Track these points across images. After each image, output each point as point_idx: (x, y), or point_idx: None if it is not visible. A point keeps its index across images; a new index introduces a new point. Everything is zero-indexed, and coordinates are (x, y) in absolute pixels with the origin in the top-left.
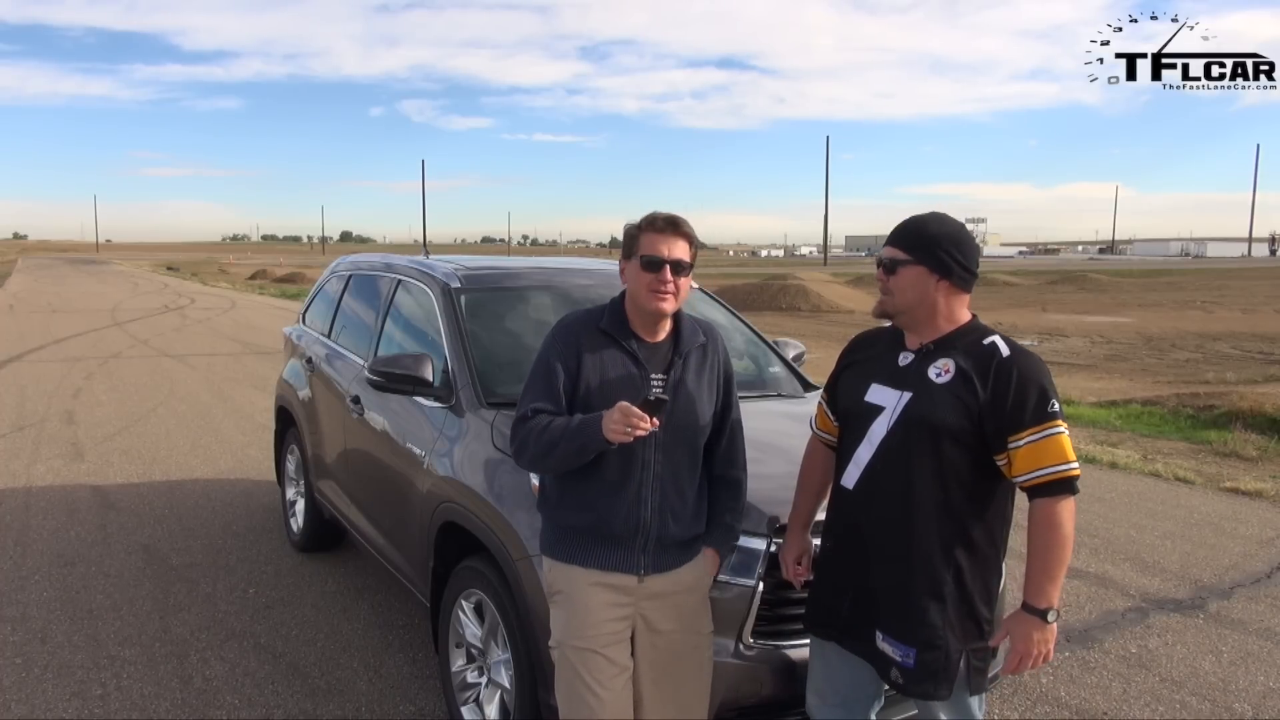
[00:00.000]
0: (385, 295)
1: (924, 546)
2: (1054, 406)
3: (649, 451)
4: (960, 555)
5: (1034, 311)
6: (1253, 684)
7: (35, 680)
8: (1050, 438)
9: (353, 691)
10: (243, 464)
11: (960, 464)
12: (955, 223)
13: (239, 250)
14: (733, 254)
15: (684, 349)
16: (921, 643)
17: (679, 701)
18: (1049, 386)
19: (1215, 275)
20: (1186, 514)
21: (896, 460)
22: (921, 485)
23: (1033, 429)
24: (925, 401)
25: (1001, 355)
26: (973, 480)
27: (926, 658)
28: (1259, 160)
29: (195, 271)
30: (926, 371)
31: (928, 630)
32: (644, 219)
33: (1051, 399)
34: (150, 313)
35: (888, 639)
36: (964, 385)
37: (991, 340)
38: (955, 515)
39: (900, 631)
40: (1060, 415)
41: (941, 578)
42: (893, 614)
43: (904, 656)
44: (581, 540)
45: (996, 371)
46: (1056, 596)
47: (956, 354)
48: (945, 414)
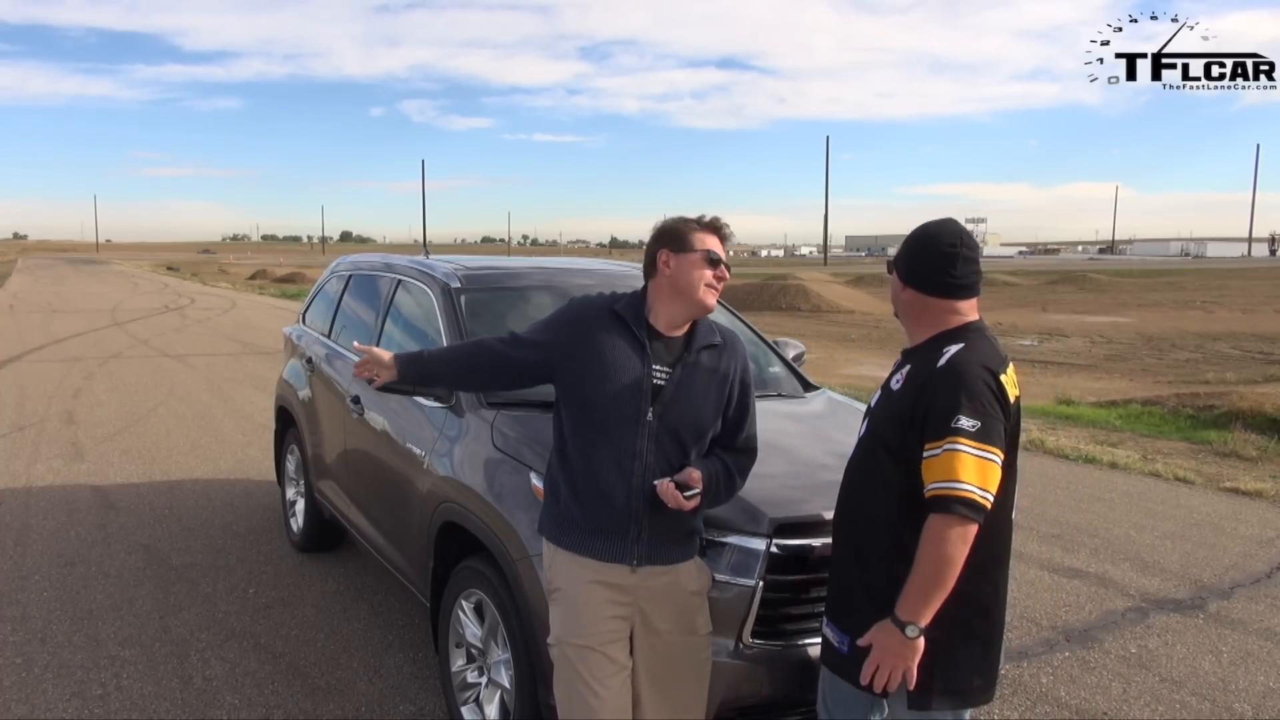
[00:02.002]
0: (385, 295)
1: (864, 545)
2: (960, 422)
3: (642, 442)
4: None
5: (1034, 311)
6: (1253, 684)
7: (35, 680)
8: (946, 454)
9: (353, 691)
10: (243, 464)
11: (894, 474)
12: (935, 230)
13: (239, 250)
14: (733, 254)
15: (695, 346)
16: (854, 632)
17: (677, 702)
18: (969, 402)
19: (1215, 275)
20: (1186, 514)
21: (856, 463)
22: (865, 487)
23: (932, 443)
24: (880, 409)
25: (936, 366)
26: (905, 491)
27: (859, 650)
28: (1259, 160)
29: (195, 271)
30: (891, 378)
31: (859, 623)
32: (698, 217)
33: (959, 415)
34: (150, 313)
35: (829, 624)
36: (900, 397)
37: (947, 349)
38: (890, 521)
39: (838, 619)
40: (971, 434)
41: (874, 578)
42: (834, 602)
43: (839, 642)
44: (577, 527)
45: (924, 383)
46: (924, 616)
47: (915, 363)
48: (885, 424)
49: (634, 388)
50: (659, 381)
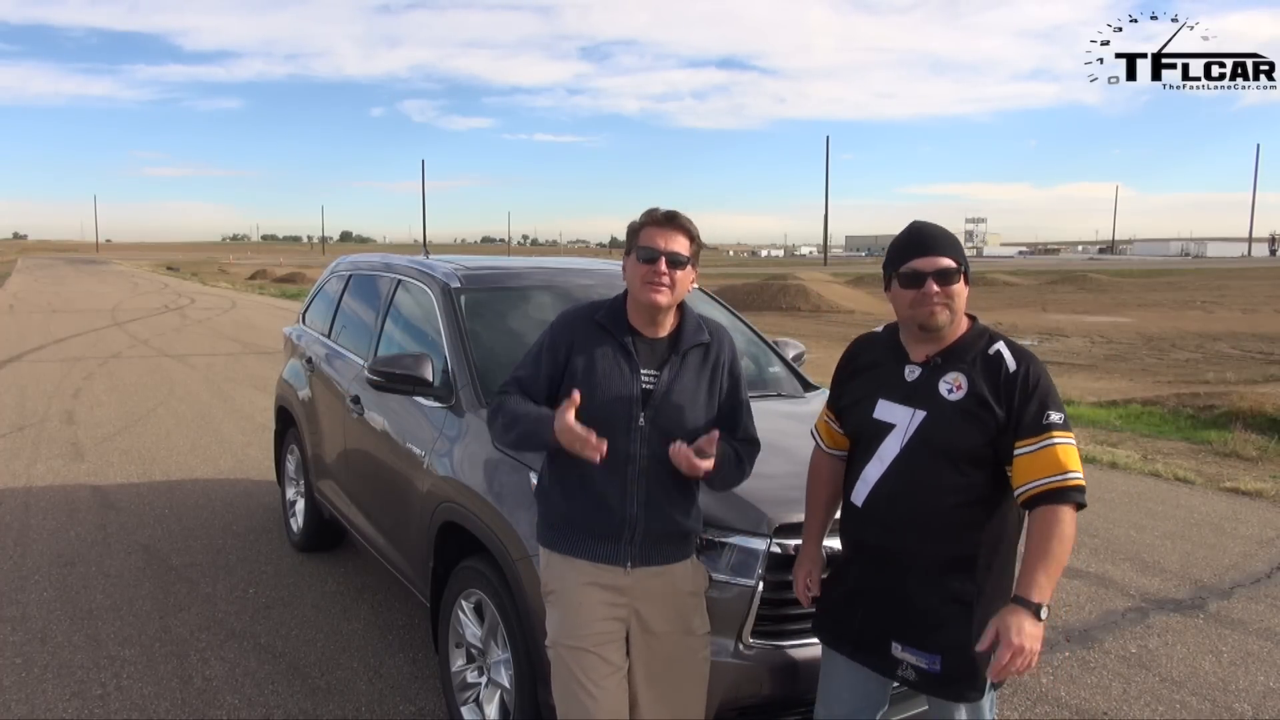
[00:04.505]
0: (385, 295)
1: (941, 561)
2: (1050, 417)
3: (635, 446)
4: (983, 564)
5: (1034, 311)
6: (1253, 684)
7: (35, 680)
8: (1048, 448)
9: (353, 691)
10: (243, 464)
11: (977, 481)
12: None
13: (239, 250)
14: (733, 254)
15: (683, 347)
16: (945, 649)
17: (675, 702)
18: (1053, 397)
19: (1215, 275)
20: (1186, 514)
21: (910, 479)
22: (937, 503)
23: (1028, 439)
24: (940, 422)
25: (1010, 368)
26: (990, 495)
27: (952, 662)
28: (1259, 160)
29: (195, 271)
30: (937, 387)
31: (950, 637)
32: (644, 213)
33: (1049, 410)
34: (150, 313)
35: (908, 649)
36: (978, 404)
37: (997, 349)
38: (975, 526)
39: (921, 640)
40: (1059, 425)
41: (963, 588)
42: (910, 624)
43: (930, 664)
44: (571, 530)
45: (1007, 387)
46: (1050, 593)
47: (966, 367)
48: (962, 436)
49: (624, 394)
50: (648, 385)
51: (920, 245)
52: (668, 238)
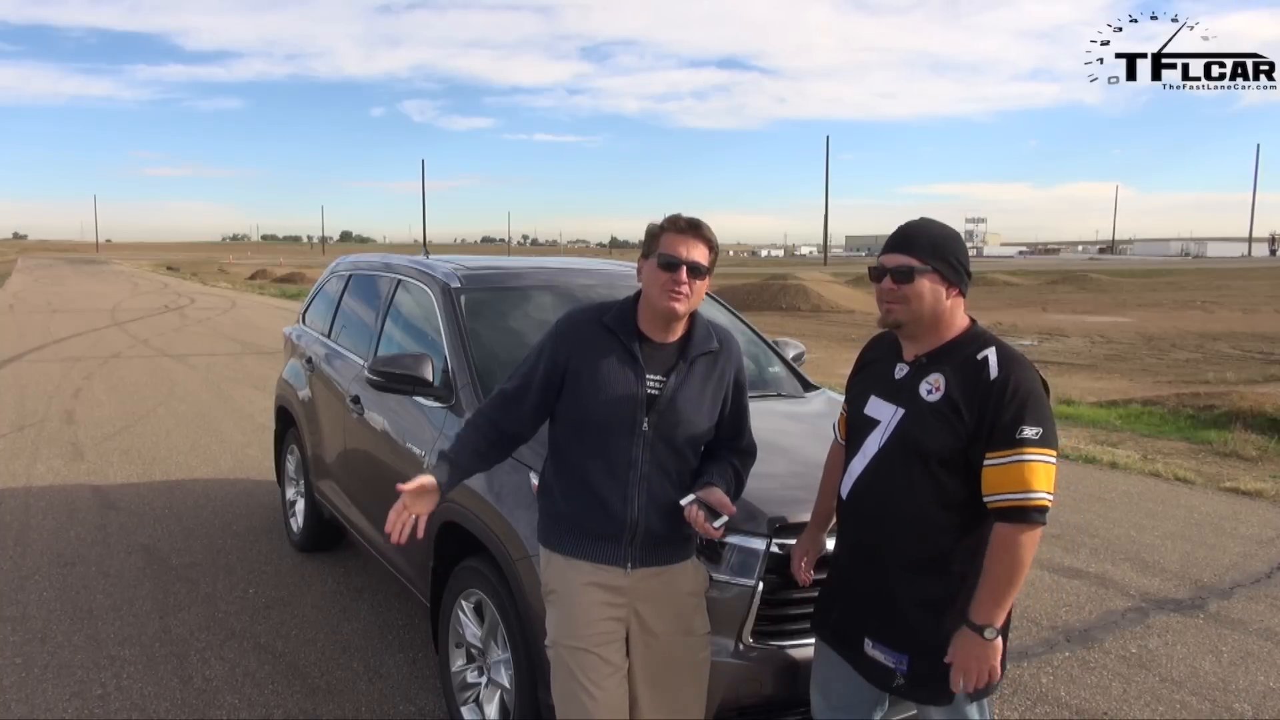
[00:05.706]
0: (385, 295)
1: (912, 560)
2: (1024, 432)
3: (636, 450)
4: (958, 570)
5: (1034, 311)
6: (1253, 684)
7: (35, 680)
8: (1015, 464)
9: (353, 691)
10: (243, 464)
11: (950, 485)
12: (950, 227)
13: (239, 250)
14: (733, 254)
15: (691, 354)
16: (913, 651)
17: (675, 702)
18: (1032, 410)
19: (1215, 275)
20: (1186, 514)
21: (886, 476)
22: (909, 501)
23: (998, 452)
24: (915, 421)
25: (990, 375)
26: (968, 501)
27: (919, 665)
28: (1259, 160)
29: (195, 271)
30: (918, 387)
31: (919, 639)
32: (667, 219)
33: (1024, 425)
34: (150, 312)
35: (878, 646)
36: (950, 408)
37: (985, 354)
38: (949, 530)
39: (891, 639)
40: (1033, 441)
41: (933, 590)
42: (883, 622)
43: (897, 664)
44: (571, 530)
45: (983, 394)
46: (999, 617)
47: (947, 369)
48: (933, 437)
49: (628, 399)
50: (653, 391)
51: (892, 241)
52: (690, 246)
